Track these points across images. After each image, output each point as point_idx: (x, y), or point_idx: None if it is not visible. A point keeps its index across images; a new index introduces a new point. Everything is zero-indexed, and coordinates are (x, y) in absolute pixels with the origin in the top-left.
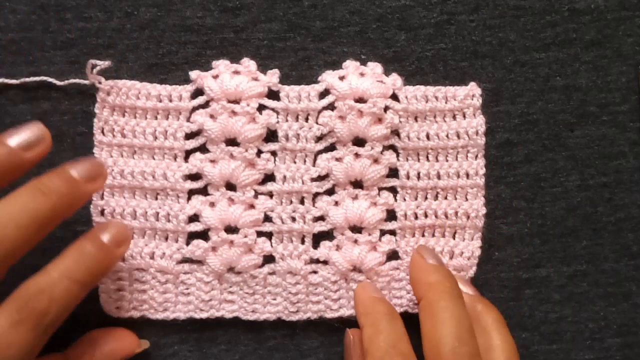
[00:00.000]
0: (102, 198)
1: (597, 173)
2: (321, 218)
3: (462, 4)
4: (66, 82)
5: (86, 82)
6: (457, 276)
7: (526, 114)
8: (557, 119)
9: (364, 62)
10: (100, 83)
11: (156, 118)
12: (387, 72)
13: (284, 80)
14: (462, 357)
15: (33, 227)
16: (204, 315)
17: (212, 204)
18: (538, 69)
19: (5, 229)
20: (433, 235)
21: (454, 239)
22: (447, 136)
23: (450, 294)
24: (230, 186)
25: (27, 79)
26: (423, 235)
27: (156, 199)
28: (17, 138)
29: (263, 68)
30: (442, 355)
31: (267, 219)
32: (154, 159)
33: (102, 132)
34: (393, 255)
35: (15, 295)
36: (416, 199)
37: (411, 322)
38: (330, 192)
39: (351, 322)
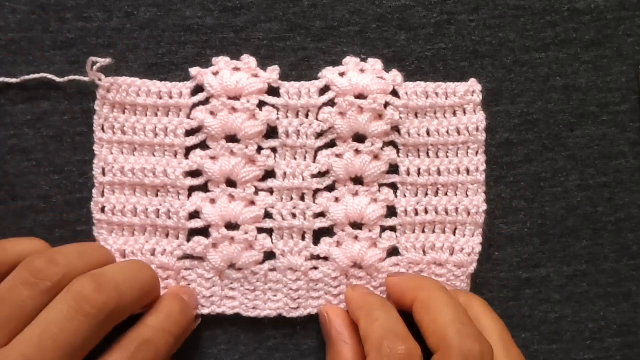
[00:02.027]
0: (102, 195)
1: (597, 173)
2: (322, 214)
3: (462, 4)
4: (66, 79)
5: (86, 79)
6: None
7: (526, 114)
8: (557, 119)
9: (364, 61)
10: (100, 80)
11: (156, 115)
12: (387, 71)
13: (284, 80)
14: (469, 337)
15: (141, 291)
16: (205, 311)
17: (213, 201)
18: (538, 69)
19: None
20: (433, 232)
21: (454, 235)
22: (447, 132)
23: (438, 288)
24: (231, 183)
25: (27, 77)
26: (423, 232)
27: (157, 195)
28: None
29: (263, 68)
30: (449, 340)
31: (268, 215)
32: (154, 156)
33: (102, 129)
34: (393, 252)
35: (124, 345)
36: (416, 195)
37: (412, 318)
38: (330, 188)
39: None
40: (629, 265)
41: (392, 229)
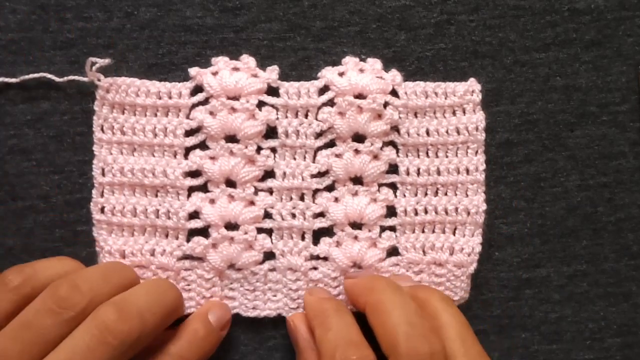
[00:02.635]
0: (102, 196)
1: (597, 173)
2: (321, 214)
3: (462, 4)
4: (65, 79)
5: (85, 79)
6: (392, 275)
7: (526, 114)
8: (557, 119)
9: (363, 61)
10: (99, 80)
11: (156, 115)
12: (386, 71)
13: (284, 80)
14: (416, 339)
15: (165, 315)
16: None
17: (212, 201)
18: (538, 69)
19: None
20: (433, 232)
21: (454, 235)
22: (447, 132)
23: (389, 288)
24: (230, 183)
25: (27, 77)
26: (423, 232)
27: (156, 196)
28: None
29: (263, 68)
30: (398, 345)
31: (267, 215)
32: (153, 156)
33: (102, 129)
34: (393, 252)
35: None
36: (416, 195)
37: None
38: (330, 188)
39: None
40: (629, 265)
41: (392, 228)
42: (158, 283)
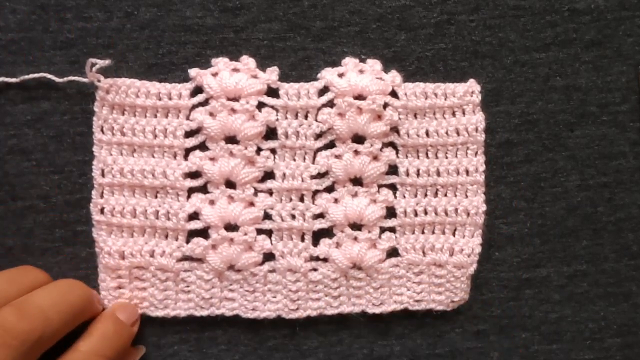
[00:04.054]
0: (101, 196)
1: (597, 173)
2: (321, 215)
3: (462, 4)
4: (65, 79)
5: (85, 80)
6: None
7: (526, 114)
8: (557, 119)
9: (363, 62)
10: (99, 81)
11: (156, 116)
12: (386, 72)
13: (284, 80)
14: None
15: (70, 314)
16: (204, 312)
17: (212, 202)
18: (538, 69)
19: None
20: (433, 233)
21: (454, 236)
22: (446, 133)
23: None
24: (230, 184)
25: (27, 76)
26: (423, 233)
27: (156, 197)
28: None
29: (263, 68)
30: None
31: (267, 216)
32: (153, 157)
33: (102, 130)
34: (393, 253)
35: None
36: (416, 196)
37: (412, 319)
38: (329, 189)
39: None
40: (629, 265)
41: (392, 229)
42: (64, 283)
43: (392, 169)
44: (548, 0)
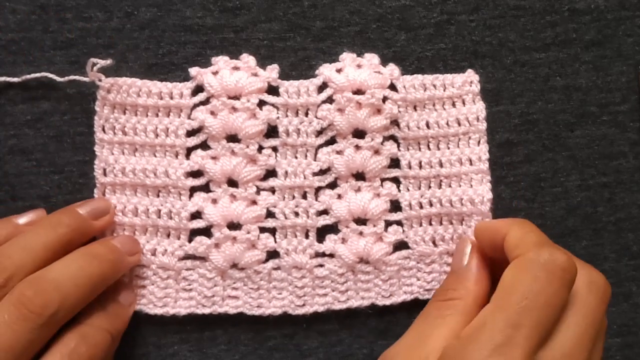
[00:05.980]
0: (103, 196)
1: (597, 173)
2: (324, 212)
3: (462, 4)
4: (66, 78)
5: (86, 79)
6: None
7: (526, 114)
8: (557, 119)
9: (361, 56)
10: (100, 81)
11: (157, 115)
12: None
13: (284, 80)
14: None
15: (89, 286)
16: (206, 311)
17: (214, 201)
18: (538, 69)
19: (66, 288)
20: (440, 224)
21: (461, 225)
22: (447, 124)
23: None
24: (232, 182)
25: (28, 76)
26: (430, 224)
27: (158, 196)
28: (86, 208)
29: (263, 68)
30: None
31: (270, 214)
32: (155, 156)
33: (103, 130)
34: (400, 245)
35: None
36: (419, 188)
37: (412, 319)
38: (332, 185)
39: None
40: (629, 265)
41: (398, 223)
42: (80, 254)
43: (395, 162)
44: (548, 0)
